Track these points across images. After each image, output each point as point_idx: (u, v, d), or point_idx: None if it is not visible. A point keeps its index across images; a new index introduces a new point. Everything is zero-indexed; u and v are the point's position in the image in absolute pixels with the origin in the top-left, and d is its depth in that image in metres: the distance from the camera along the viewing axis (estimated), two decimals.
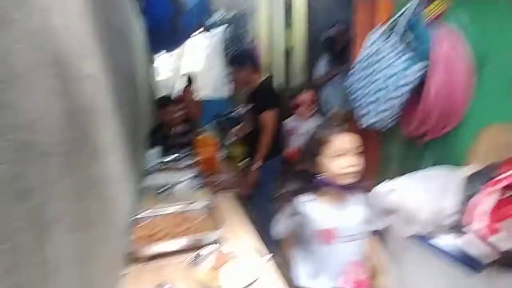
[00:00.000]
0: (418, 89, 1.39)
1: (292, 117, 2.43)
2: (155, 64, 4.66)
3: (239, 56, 2.37)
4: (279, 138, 2.18)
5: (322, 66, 2.78)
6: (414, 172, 1.28)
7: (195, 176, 1.91)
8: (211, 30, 4.56)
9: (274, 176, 2.10)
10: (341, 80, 2.62)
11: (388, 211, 1.21)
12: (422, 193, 1.11)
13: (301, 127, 2.35)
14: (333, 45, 2.78)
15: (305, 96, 2.40)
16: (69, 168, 0.60)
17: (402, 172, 1.30)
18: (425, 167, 1.43)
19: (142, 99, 2.45)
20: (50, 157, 0.53)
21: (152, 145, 2.33)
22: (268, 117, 2.05)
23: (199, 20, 3.67)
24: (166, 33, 3.46)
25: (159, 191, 1.48)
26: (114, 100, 1.14)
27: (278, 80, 3.89)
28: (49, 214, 0.51)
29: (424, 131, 1.38)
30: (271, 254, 1.01)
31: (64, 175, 0.58)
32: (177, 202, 1.42)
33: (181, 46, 4.46)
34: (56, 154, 0.55)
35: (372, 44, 1.53)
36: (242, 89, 2.28)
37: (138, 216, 1.28)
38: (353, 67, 1.69)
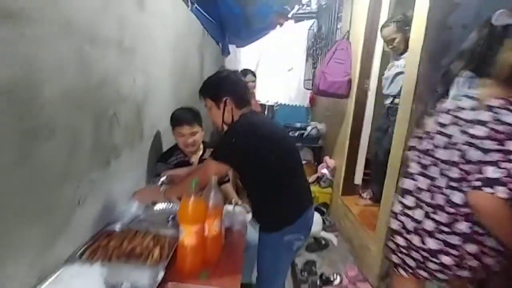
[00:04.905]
0: None
1: None
2: (228, 58, 4.14)
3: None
4: None
5: (461, 86, 1.73)
6: None
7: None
8: (295, 24, 3.83)
9: None
10: None
11: None
12: None
13: None
14: (473, 56, 1.71)
15: None
16: None
17: None
18: None
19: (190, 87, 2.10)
20: None
21: None
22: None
23: (278, 11, 3.03)
24: (236, 25, 2.97)
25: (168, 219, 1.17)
26: None
27: (372, 90, 2.95)
28: None
29: None
30: None
31: None
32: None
33: (259, 41, 3.86)
34: None
35: None
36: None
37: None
38: None
